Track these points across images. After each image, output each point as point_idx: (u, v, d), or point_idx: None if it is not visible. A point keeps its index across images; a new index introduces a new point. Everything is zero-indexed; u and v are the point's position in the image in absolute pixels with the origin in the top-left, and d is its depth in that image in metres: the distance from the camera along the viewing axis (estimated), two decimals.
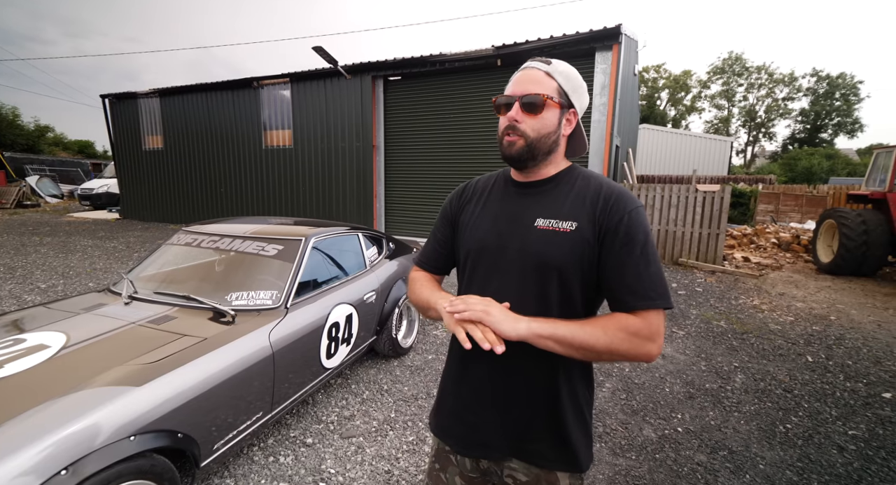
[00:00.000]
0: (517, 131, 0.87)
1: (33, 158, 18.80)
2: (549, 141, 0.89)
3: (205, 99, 9.91)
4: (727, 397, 2.82)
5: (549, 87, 0.87)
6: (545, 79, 0.87)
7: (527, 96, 0.86)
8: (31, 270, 5.65)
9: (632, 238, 0.82)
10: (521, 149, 0.88)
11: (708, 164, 18.31)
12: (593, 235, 0.84)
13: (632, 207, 0.85)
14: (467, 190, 1.06)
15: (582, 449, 0.91)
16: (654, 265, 0.83)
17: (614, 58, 6.18)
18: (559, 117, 0.89)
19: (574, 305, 0.87)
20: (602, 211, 0.85)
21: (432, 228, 1.12)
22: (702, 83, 39.04)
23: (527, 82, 0.87)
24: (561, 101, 0.88)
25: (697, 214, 6.82)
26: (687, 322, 4.25)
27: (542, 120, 0.87)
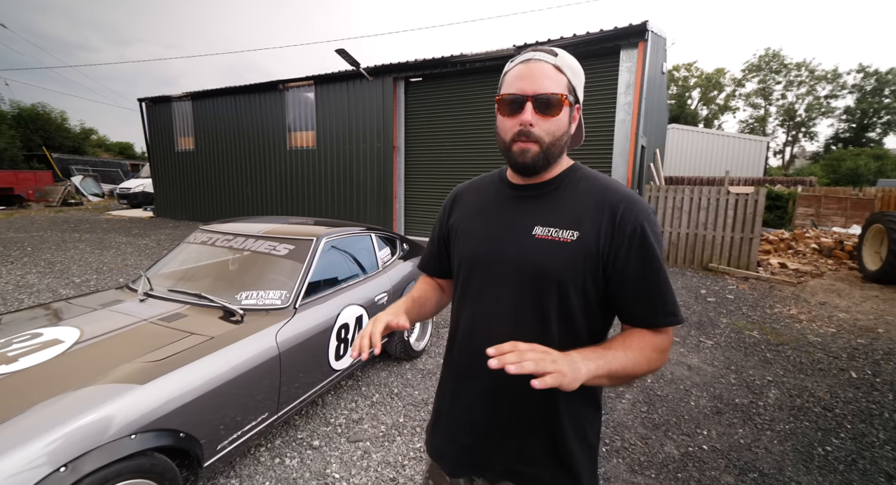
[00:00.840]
0: (532, 137, 0.77)
1: (78, 159, 19.88)
2: (562, 143, 0.81)
3: (233, 102, 10.21)
4: (759, 413, 2.63)
5: (561, 84, 0.77)
6: (556, 74, 0.77)
7: (542, 95, 0.75)
8: (68, 265, 5.93)
9: (650, 251, 0.75)
10: (537, 156, 0.78)
11: (742, 165, 17.52)
12: (598, 245, 0.76)
13: (644, 215, 0.76)
14: (461, 193, 0.99)
15: (585, 475, 0.82)
16: (667, 279, 0.77)
17: (640, 56, 5.96)
18: (569, 116, 0.81)
19: (574, 320, 0.79)
20: (610, 220, 0.76)
21: (431, 231, 1.06)
22: (736, 81, 37.45)
23: (538, 78, 0.76)
24: (570, 98, 0.79)
25: (729, 217, 6.50)
26: (716, 331, 4.03)
27: (557, 122, 0.78)
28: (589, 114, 6.54)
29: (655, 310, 0.77)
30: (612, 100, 6.33)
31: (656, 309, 0.77)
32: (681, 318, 0.78)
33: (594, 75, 6.48)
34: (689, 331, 4.02)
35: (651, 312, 0.77)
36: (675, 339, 3.80)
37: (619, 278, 0.77)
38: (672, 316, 0.77)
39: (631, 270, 0.76)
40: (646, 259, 0.75)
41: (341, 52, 7.54)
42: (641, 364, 0.74)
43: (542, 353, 0.64)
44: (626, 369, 0.72)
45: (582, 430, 0.82)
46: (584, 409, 0.83)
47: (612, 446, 2.28)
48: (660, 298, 0.76)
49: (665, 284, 0.77)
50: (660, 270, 0.76)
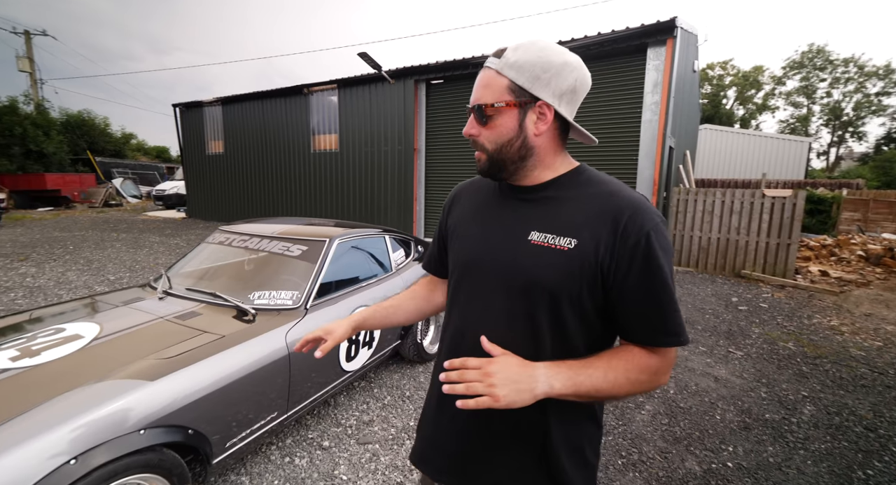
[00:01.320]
0: (478, 146, 0.79)
1: (119, 162, 20.99)
2: (513, 149, 0.75)
3: (260, 106, 10.53)
4: (792, 430, 2.46)
5: (497, 89, 0.73)
6: (495, 79, 0.73)
7: (475, 106, 0.76)
8: (104, 263, 6.24)
9: (655, 265, 0.69)
10: (485, 164, 0.79)
11: (781, 167, 16.66)
12: (598, 255, 0.70)
13: (651, 225, 0.69)
14: (460, 192, 0.96)
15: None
16: (673, 295, 0.71)
17: (668, 54, 5.76)
18: (518, 119, 0.74)
19: (568, 332, 0.74)
20: (612, 229, 0.70)
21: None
22: (776, 79, 35.73)
23: (478, 87, 0.76)
24: (517, 99, 0.72)
25: (765, 221, 6.18)
26: (747, 342, 3.82)
27: (495, 129, 0.75)
28: (614, 114, 6.37)
29: (654, 328, 0.71)
30: (639, 99, 6.14)
31: (655, 327, 0.71)
32: (684, 339, 0.71)
33: (619, 74, 6.31)
34: (718, 341, 3.83)
35: (649, 330, 0.71)
36: (701, 348, 3.63)
37: (618, 292, 0.71)
38: (672, 336, 0.70)
39: (632, 284, 0.70)
40: (649, 273, 0.69)
41: (364, 55, 7.64)
42: (622, 386, 0.69)
43: (482, 374, 0.65)
44: (599, 390, 0.67)
45: (578, 446, 0.77)
46: (581, 424, 0.78)
47: (629, 459, 2.18)
48: (661, 315, 0.70)
49: (668, 300, 0.70)
50: (663, 285, 0.69)
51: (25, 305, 4.26)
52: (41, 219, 11.79)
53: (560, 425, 0.76)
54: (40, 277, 5.30)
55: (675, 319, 0.70)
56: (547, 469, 0.76)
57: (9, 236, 8.46)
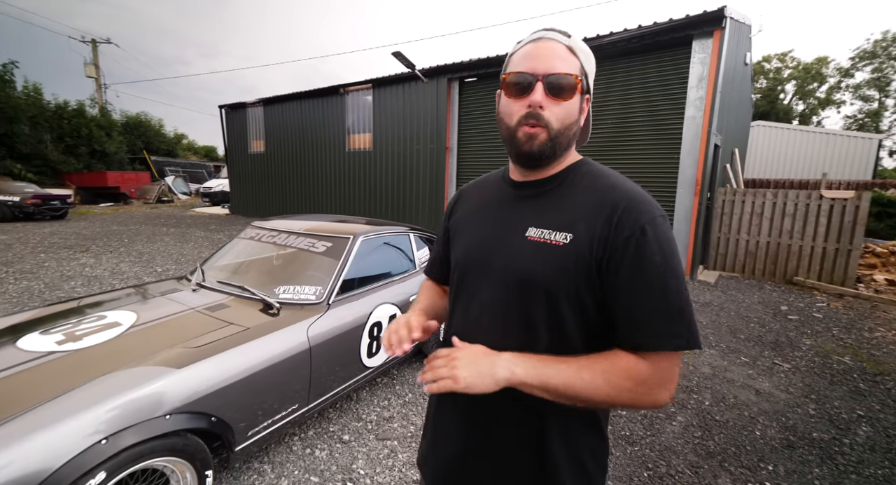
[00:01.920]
0: (541, 121, 0.69)
1: (171, 161, 22.44)
2: (571, 134, 0.72)
3: (298, 106, 10.88)
4: (843, 452, 2.25)
5: (574, 67, 0.69)
6: (568, 55, 0.70)
7: (553, 76, 0.68)
8: (153, 256, 6.66)
9: (645, 258, 0.64)
10: (544, 144, 0.70)
11: (846, 166, 15.32)
12: (592, 250, 0.66)
13: (647, 218, 0.65)
14: (464, 192, 0.94)
15: None
16: (675, 294, 0.64)
17: (715, 46, 5.42)
18: (580, 104, 0.72)
19: (566, 333, 0.70)
20: (607, 222, 0.66)
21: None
22: (842, 71, 32.91)
23: (550, 57, 0.69)
24: (583, 84, 0.71)
25: (822, 225, 5.71)
26: (796, 353, 3.54)
27: (567, 107, 0.70)
28: (654, 110, 6.09)
29: (643, 330, 0.64)
30: (682, 95, 5.82)
31: (645, 329, 0.64)
32: (676, 343, 0.63)
33: (660, 69, 6.01)
34: (763, 351, 3.57)
35: (638, 331, 0.65)
36: (743, 358, 3.40)
37: (610, 286, 0.66)
38: (659, 338, 0.63)
39: (622, 277, 0.65)
40: (640, 266, 0.64)
41: (398, 54, 7.71)
42: (599, 388, 0.63)
43: (447, 359, 0.66)
44: (571, 388, 0.63)
45: (578, 458, 0.73)
46: (583, 435, 0.73)
47: (656, 472, 2.07)
48: (651, 313, 0.64)
49: (662, 298, 0.64)
50: (657, 280, 0.64)
51: (83, 292, 4.62)
52: (102, 213, 12.78)
53: (560, 434, 0.72)
54: (97, 268, 5.73)
55: (670, 320, 0.63)
56: (545, 479, 0.72)
57: (74, 229, 9.21)
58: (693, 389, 2.90)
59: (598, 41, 6.22)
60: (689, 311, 0.65)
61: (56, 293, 4.54)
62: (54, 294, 4.51)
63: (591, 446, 0.75)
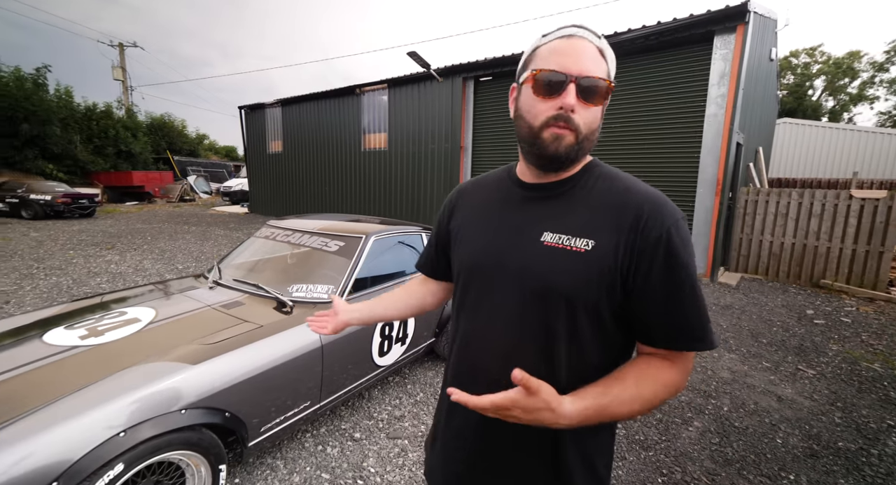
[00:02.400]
0: (571, 124, 0.66)
1: (193, 161, 23.03)
2: (595, 136, 0.70)
3: (315, 107, 11.02)
4: (871, 463, 2.16)
5: (603, 69, 0.67)
6: (599, 58, 0.67)
7: (587, 78, 0.65)
8: (175, 253, 6.85)
9: (677, 263, 0.64)
10: (571, 147, 0.67)
11: (878, 165, 14.69)
12: (617, 256, 0.65)
13: (671, 221, 0.65)
14: (464, 192, 0.90)
15: None
16: (700, 295, 0.66)
17: (738, 41, 5.26)
18: (603, 107, 0.70)
19: (584, 340, 0.68)
20: (633, 226, 0.65)
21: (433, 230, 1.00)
22: (876, 65, 31.55)
23: (583, 58, 0.65)
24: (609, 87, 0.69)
25: (851, 226, 5.49)
26: (821, 359, 3.41)
27: (595, 112, 0.68)
28: (674, 108, 5.95)
29: (679, 331, 0.66)
30: (703, 92, 5.67)
31: (681, 330, 0.66)
32: (706, 345, 0.66)
33: (681, 66, 5.87)
34: (786, 356, 3.45)
35: (673, 333, 0.66)
36: (764, 363, 3.30)
37: (640, 293, 0.65)
38: (699, 341, 0.66)
39: (654, 283, 0.64)
40: (671, 271, 0.64)
41: (413, 54, 7.73)
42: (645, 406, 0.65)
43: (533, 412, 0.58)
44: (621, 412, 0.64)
45: (590, 462, 0.72)
46: (595, 437, 0.73)
47: (671, 478, 2.02)
48: (685, 317, 0.65)
49: (693, 300, 0.65)
50: (687, 283, 0.65)
51: (108, 288, 4.78)
52: (128, 212, 13.21)
53: (574, 440, 0.71)
54: (122, 264, 5.93)
55: (699, 322, 0.66)
56: (555, 473, 0.72)
57: (100, 227, 9.55)
58: (711, 394, 2.83)
59: (615, 38, 6.11)
60: (706, 311, 0.67)
61: (83, 289, 4.71)
62: (81, 290, 4.68)
63: (603, 446, 0.74)
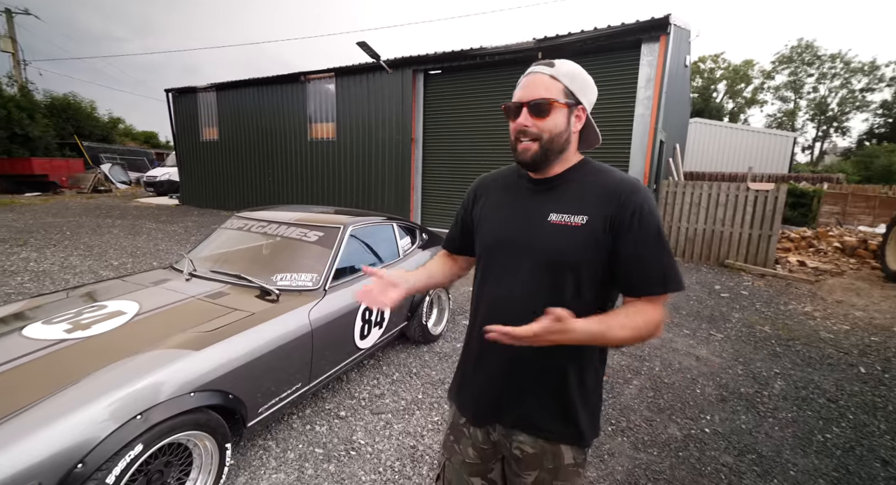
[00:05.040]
0: (529, 135, 0.91)
1: (107, 148, 20.57)
2: (562, 141, 0.93)
3: (256, 93, 10.47)
4: (763, 402, 2.73)
5: (554, 90, 0.90)
6: (550, 82, 0.90)
7: (533, 101, 0.90)
8: (105, 249, 6.29)
9: (647, 230, 0.87)
10: (536, 154, 0.92)
11: (767, 161, 17.09)
12: (604, 227, 0.88)
13: (642, 197, 0.89)
14: (486, 183, 1.13)
15: (586, 426, 0.97)
16: (668, 251, 0.89)
17: (661, 49, 5.94)
18: (567, 117, 0.93)
19: (585, 298, 0.92)
20: (615, 203, 0.88)
21: (456, 214, 1.21)
22: (765, 74, 36.22)
23: (533, 87, 0.91)
24: (568, 101, 0.92)
25: (748, 213, 6.47)
26: (727, 325, 4.10)
27: (551, 121, 0.91)
28: (608, 109, 6.55)
29: (654, 282, 0.87)
30: (632, 94, 6.33)
31: (654, 281, 0.87)
32: (674, 286, 0.87)
33: (614, 70, 6.47)
34: (700, 324, 4.10)
35: (649, 284, 0.88)
36: (685, 331, 3.90)
37: (619, 256, 0.89)
38: (663, 286, 0.87)
39: (630, 243, 0.87)
40: (643, 227, 0.87)
41: (362, 44, 7.67)
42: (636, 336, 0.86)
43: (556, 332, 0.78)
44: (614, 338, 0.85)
45: (584, 387, 0.97)
46: (589, 368, 0.97)
47: (618, 427, 2.42)
48: (657, 271, 0.87)
49: (660, 254, 0.87)
50: (656, 246, 0.87)
51: (34, 288, 4.35)
52: (30, 204, 11.64)
53: (576, 374, 0.95)
54: (43, 262, 5.36)
55: (667, 270, 0.87)
56: (562, 407, 0.96)
57: (1, 222, 8.40)
58: (645, 357, 3.32)
59: (556, 41, 6.58)
60: (674, 262, 0.89)
61: (2, 289, 4.24)
62: (1, 290, 4.21)
63: (594, 377, 0.98)
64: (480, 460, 1.08)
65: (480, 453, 1.08)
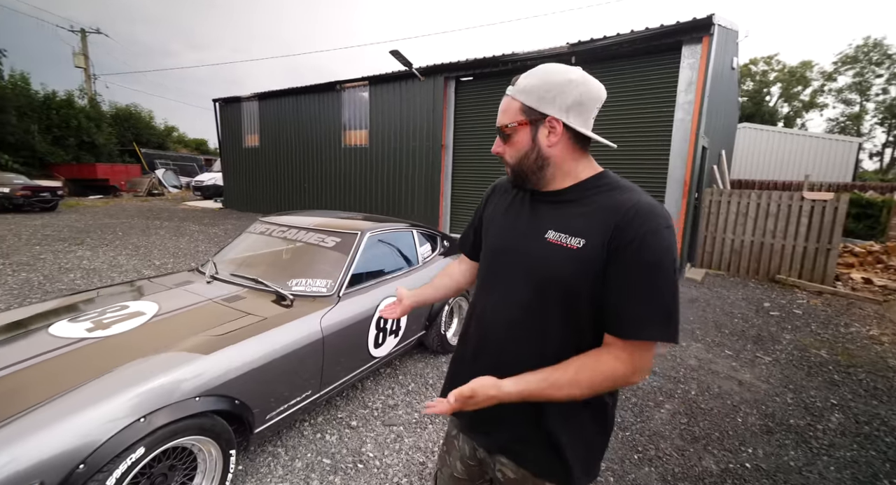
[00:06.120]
0: (504, 161, 0.91)
1: (161, 154, 22.10)
2: (530, 161, 0.86)
3: (294, 101, 10.87)
4: (816, 437, 2.44)
5: (511, 112, 0.85)
6: (510, 104, 0.86)
7: (498, 127, 0.89)
8: (150, 249, 6.67)
9: (639, 259, 0.74)
10: (511, 176, 0.92)
11: (827, 168, 15.78)
12: (602, 253, 0.77)
13: (651, 225, 0.75)
14: (499, 187, 1.08)
15: (577, 464, 0.85)
16: (661, 292, 0.74)
17: (704, 51, 5.60)
18: (531, 134, 0.84)
19: (577, 323, 0.82)
20: (617, 227, 0.76)
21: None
22: (826, 75, 33.66)
23: (500, 112, 0.89)
24: (528, 118, 0.83)
25: (803, 225, 5.95)
26: (776, 347, 3.74)
27: (514, 145, 0.87)
28: (645, 113, 6.27)
29: (629, 317, 0.74)
30: (672, 98, 6.01)
31: (627, 319, 0.74)
32: (652, 333, 0.73)
33: (651, 73, 6.19)
34: (745, 345, 3.77)
35: (620, 320, 0.75)
36: (727, 352, 3.59)
37: (605, 280, 0.77)
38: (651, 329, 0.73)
39: (615, 275, 0.75)
40: (631, 267, 0.74)
41: (395, 53, 7.77)
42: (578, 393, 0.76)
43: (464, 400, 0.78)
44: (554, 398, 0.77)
45: (577, 422, 0.85)
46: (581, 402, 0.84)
47: (646, 455, 2.23)
48: (641, 305, 0.74)
49: (652, 291, 0.73)
50: (647, 279, 0.73)
51: (83, 285, 4.64)
52: (93, 206, 12.63)
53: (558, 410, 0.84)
54: (95, 261, 5.74)
55: (653, 313, 0.73)
56: (546, 437, 0.85)
57: (66, 222, 9.13)
58: (680, 379, 3.08)
59: (590, 45, 6.38)
60: (672, 308, 0.74)
61: (56, 285, 4.56)
62: (54, 286, 4.53)
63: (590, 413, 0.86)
64: (468, 477, 1.04)
65: (468, 468, 1.03)
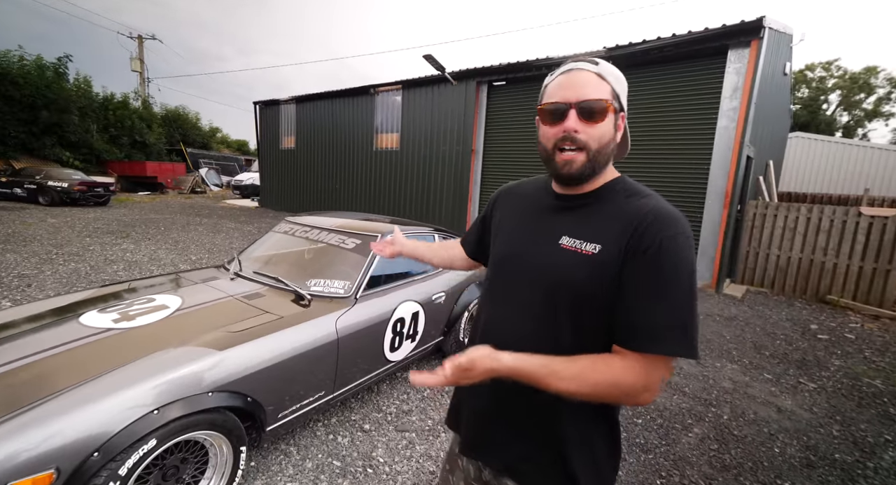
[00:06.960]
0: (577, 143, 0.76)
1: (205, 154, 23.29)
2: (608, 151, 0.80)
3: (329, 105, 11.17)
4: (866, 475, 2.21)
5: (604, 91, 0.77)
6: (598, 81, 0.77)
7: (585, 102, 0.75)
8: (188, 244, 6.99)
9: (657, 266, 0.69)
10: (583, 166, 0.77)
11: (891, 182, 14.58)
12: (617, 259, 0.72)
13: (667, 233, 0.70)
14: (508, 193, 1.04)
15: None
16: (678, 303, 0.68)
17: (752, 56, 5.30)
18: (614, 123, 0.79)
19: (590, 332, 0.76)
20: (634, 233, 0.72)
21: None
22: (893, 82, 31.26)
23: (580, 86, 0.76)
24: (615, 105, 0.78)
25: (859, 242, 5.50)
26: (823, 373, 3.45)
27: (602, 128, 0.77)
28: (684, 120, 6.00)
29: (637, 330, 0.69)
30: (715, 105, 5.72)
31: (638, 329, 0.69)
32: (664, 348, 0.67)
33: (693, 78, 5.92)
34: (787, 369, 3.50)
35: (632, 330, 0.70)
36: (766, 375, 3.34)
37: (619, 288, 0.72)
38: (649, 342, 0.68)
39: (628, 283, 0.71)
40: (647, 275, 0.69)
41: (429, 57, 7.83)
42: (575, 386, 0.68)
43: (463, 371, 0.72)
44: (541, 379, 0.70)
45: (589, 442, 0.80)
46: (592, 421, 0.80)
47: (670, 481, 2.09)
48: (654, 314, 0.68)
49: (667, 301, 0.68)
50: (661, 288, 0.69)
51: (125, 276, 4.91)
52: (140, 202, 13.42)
53: (572, 419, 0.78)
54: (137, 253, 6.07)
55: (666, 326, 0.68)
56: (555, 458, 0.80)
57: (115, 216, 9.73)
58: (712, 402, 2.88)
59: (630, 49, 6.18)
60: (689, 322, 0.68)
61: (100, 276, 4.84)
62: (99, 276, 4.81)
63: (601, 432, 0.81)
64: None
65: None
